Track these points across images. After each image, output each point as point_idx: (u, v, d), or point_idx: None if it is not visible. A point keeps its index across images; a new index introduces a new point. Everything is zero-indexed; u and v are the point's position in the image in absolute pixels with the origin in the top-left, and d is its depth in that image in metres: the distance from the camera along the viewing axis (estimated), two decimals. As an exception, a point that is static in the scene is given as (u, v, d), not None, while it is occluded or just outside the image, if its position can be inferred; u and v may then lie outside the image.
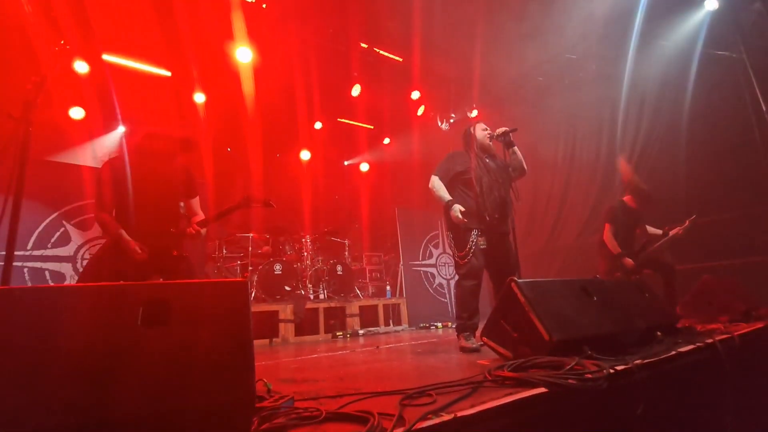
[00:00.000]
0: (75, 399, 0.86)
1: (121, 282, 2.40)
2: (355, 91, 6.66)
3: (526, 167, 3.17)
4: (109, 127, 5.84)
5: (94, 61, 5.15)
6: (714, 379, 1.87)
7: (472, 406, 1.14)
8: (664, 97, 5.05)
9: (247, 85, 5.87)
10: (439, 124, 3.22)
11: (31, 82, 1.77)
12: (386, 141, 8.31)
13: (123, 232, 2.45)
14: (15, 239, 1.74)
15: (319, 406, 1.18)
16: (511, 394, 1.25)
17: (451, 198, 3.00)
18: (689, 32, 4.94)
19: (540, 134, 6.17)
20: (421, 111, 7.36)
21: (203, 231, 2.68)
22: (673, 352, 1.81)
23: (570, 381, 1.31)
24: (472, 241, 2.91)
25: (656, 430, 1.57)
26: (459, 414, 1.07)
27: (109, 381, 0.90)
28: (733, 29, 4.61)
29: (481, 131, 3.19)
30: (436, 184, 3.08)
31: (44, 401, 0.85)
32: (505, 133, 3.01)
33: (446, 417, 1.05)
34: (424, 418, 1.03)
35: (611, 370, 1.43)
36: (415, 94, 7.04)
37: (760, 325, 2.58)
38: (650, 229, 4.27)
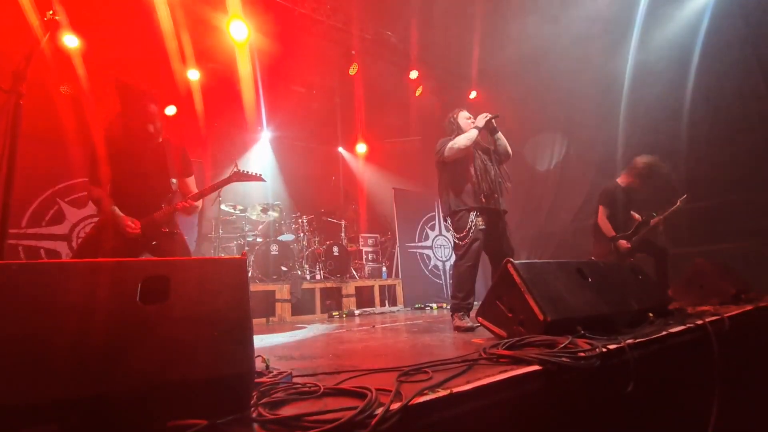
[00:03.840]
0: (75, 374, 0.87)
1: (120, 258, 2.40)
2: (353, 69, 6.55)
3: (510, 151, 3.23)
4: (100, 102, 5.72)
5: (84, 34, 5.01)
6: (703, 359, 1.91)
7: (468, 382, 1.16)
8: (667, 80, 5.01)
9: (243, 62, 5.74)
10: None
11: (21, 53, 1.71)
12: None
13: (116, 208, 2.42)
14: (8, 216, 1.72)
15: (317, 382, 1.20)
16: (505, 371, 1.27)
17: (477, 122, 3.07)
18: (693, 16, 4.88)
19: (538, 116, 6.11)
20: (419, 92, 7.27)
21: (197, 205, 2.64)
22: (664, 333, 1.85)
23: (563, 359, 1.33)
24: (472, 221, 2.95)
25: (646, 408, 1.62)
26: (455, 390, 1.09)
27: (107, 356, 0.91)
28: (737, 13, 4.54)
29: (464, 120, 3.23)
30: (457, 142, 3.02)
31: (44, 376, 0.85)
32: (487, 120, 3.06)
33: (442, 392, 1.06)
34: (420, 393, 1.04)
35: (603, 349, 1.46)
36: (414, 74, 6.93)
37: (749, 307, 2.63)
38: (635, 215, 4.29)
